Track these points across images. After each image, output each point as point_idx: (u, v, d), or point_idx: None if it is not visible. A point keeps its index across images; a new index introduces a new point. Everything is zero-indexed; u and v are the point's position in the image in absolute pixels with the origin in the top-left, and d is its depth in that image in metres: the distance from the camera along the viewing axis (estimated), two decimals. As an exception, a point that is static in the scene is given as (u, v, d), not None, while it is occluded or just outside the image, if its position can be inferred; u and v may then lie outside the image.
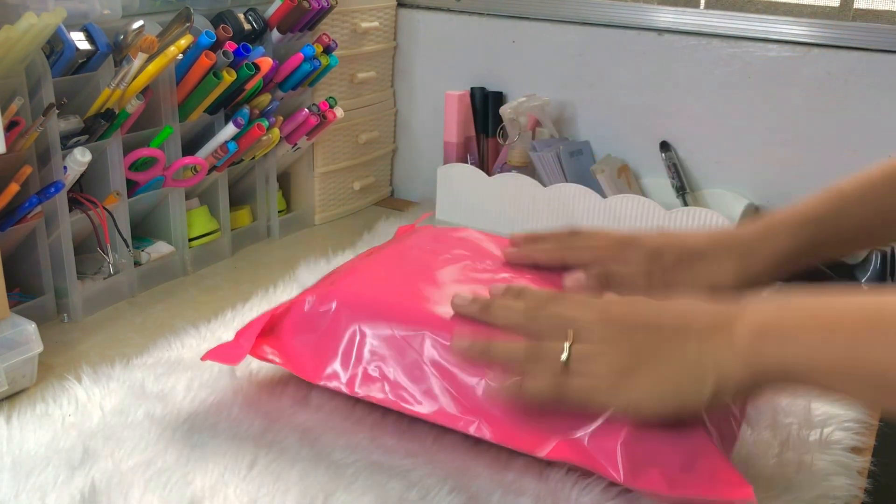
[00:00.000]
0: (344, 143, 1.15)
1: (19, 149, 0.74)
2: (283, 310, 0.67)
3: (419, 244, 0.76)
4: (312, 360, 0.63)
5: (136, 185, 0.88)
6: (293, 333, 0.65)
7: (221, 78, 0.87)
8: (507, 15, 1.13)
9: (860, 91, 0.94)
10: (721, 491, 0.53)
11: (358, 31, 1.11)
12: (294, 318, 0.66)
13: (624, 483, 0.53)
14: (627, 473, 0.53)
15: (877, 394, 0.47)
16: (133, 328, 0.83)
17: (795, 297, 0.52)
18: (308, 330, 0.65)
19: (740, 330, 0.51)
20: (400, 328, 0.61)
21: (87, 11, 0.78)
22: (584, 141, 1.11)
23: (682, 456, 0.54)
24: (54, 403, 0.65)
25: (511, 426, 0.57)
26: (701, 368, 0.52)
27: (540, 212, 1.02)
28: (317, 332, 0.64)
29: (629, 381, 0.53)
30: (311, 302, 0.66)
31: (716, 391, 0.51)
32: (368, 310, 0.63)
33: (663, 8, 1.04)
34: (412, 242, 0.77)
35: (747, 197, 1.02)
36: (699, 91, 1.03)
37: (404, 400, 0.60)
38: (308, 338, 0.64)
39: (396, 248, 0.76)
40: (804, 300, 0.51)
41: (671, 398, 0.53)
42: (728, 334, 0.51)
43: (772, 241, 0.64)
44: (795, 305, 0.51)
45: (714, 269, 0.64)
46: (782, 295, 0.53)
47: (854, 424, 0.66)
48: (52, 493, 0.54)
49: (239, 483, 0.56)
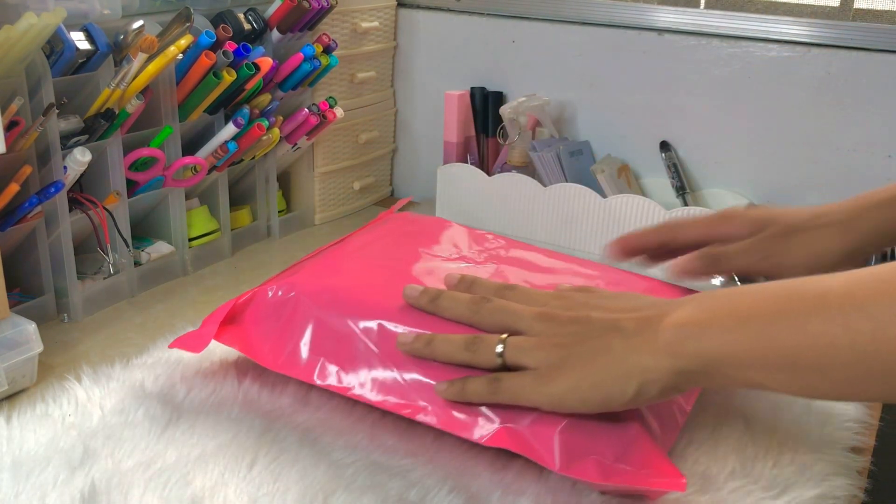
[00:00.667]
0: (344, 143, 1.15)
1: (19, 149, 0.74)
2: (247, 298, 0.68)
3: (391, 232, 0.79)
4: (273, 349, 0.65)
5: (136, 184, 0.88)
6: (255, 321, 0.67)
7: (221, 78, 0.87)
8: (507, 15, 1.13)
9: (860, 91, 0.94)
10: (653, 481, 0.54)
11: (358, 30, 1.11)
12: (257, 306, 0.67)
13: (559, 472, 0.54)
14: (563, 462, 0.54)
15: (793, 379, 0.47)
16: (133, 328, 0.83)
17: (720, 291, 0.53)
18: (269, 318, 0.66)
19: (664, 327, 0.52)
20: (354, 318, 0.63)
21: (87, 11, 0.78)
22: (584, 141, 1.11)
23: (617, 446, 0.55)
24: (54, 403, 0.65)
25: (455, 413, 0.58)
26: (625, 366, 0.52)
27: (540, 212, 1.02)
28: (278, 320, 0.66)
29: (556, 376, 0.54)
30: (272, 290, 0.67)
31: (640, 389, 0.52)
32: (326, 299, 0.65)
33: (663, 8, 1.04)
34: (384, 230, 0.80)
35: (747, 197, 1.02)
36: (699, 91, 1.03)
37: (355, 387, 0.61)
38: (269, 326, 0.66)
39: (368, 237, 0.78)
40: (725, 292, 0.52)
41: (595, 395, 0.53)
42: (653, 332, 0.52)
43: (873, 213, 0.64)
44: (715, 298, 0.52)
45: (817, 242, 0.65)
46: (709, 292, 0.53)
47: (854, 424, 0.66)
48: (52, 493, 0.54)
49: (239, 483, 0.56)
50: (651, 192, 1.07)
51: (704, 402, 0.69)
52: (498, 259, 0.76)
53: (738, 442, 0.63)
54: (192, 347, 0.67)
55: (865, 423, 0.68)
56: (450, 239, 0.79)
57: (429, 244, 0.77)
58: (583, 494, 0.56)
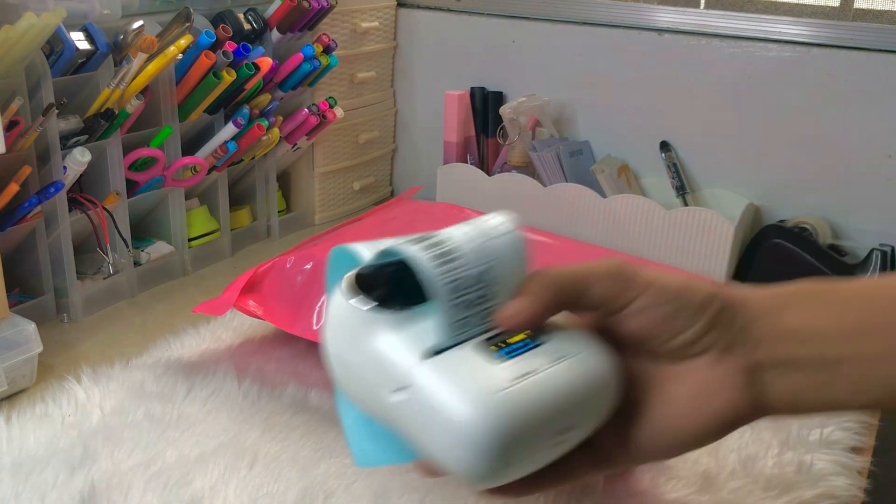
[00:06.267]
0: (344, 143, 1.15)
1: (19, 149, 0.74)
2: (267, 268, 0.74)
3: (400, 215, 0.85)
4: (290, 314, 0.69)
5: (136, 184, 0.88)
6: (274, 289, 0.72)
7: (221, 78, 0.87)
8: (507, 15, 1.13)
9: (860, 91, 0.94)
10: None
11: (358, 30, 1.11)
12: (276, 275, 0.73)
13: None
14: None
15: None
16: (133, 328, 0.83)
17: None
18: (287, 286, 0.71)
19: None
20: None
21: (86, 11, 0.78)
22: (584, 141, 1.11)
23: None
24: (54, 403, 0.65)
25: None
26: None
27: (540, 212, 1.02)
28: (295, 288, 0.71)
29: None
30: (291, 261, 0.73)
31: None
32: None
33: (663, 8, 1.04)
34: (399, 211, 0.86)
35: (747, 197, 1.01)
36: (699, 91, 1.03)
37: None
38: (287, 293, 0.71)
39: (379, 217, 0.85)
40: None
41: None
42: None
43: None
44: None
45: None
46: None
47: (854, 424, 0.66)
48: (52, 494, 0.54)
49: (239, 483, 0.56)
50: (651, 192, 1.07)
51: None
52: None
53: (738, 442, 0.63)
54: (214, 311, 0.72)
55: (865, 424, 0.68)
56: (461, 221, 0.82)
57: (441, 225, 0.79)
58: (583, 495, 0.56)
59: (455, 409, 0.38)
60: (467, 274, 0.40)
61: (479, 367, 0.39)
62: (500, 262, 0.41)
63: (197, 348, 0.75)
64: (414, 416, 0.39)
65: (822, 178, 0.98)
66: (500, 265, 0.41)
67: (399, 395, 0.39)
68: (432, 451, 0.40)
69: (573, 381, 0.41)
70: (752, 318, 0.41)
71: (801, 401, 0.41)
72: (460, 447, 0.38)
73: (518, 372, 0.39)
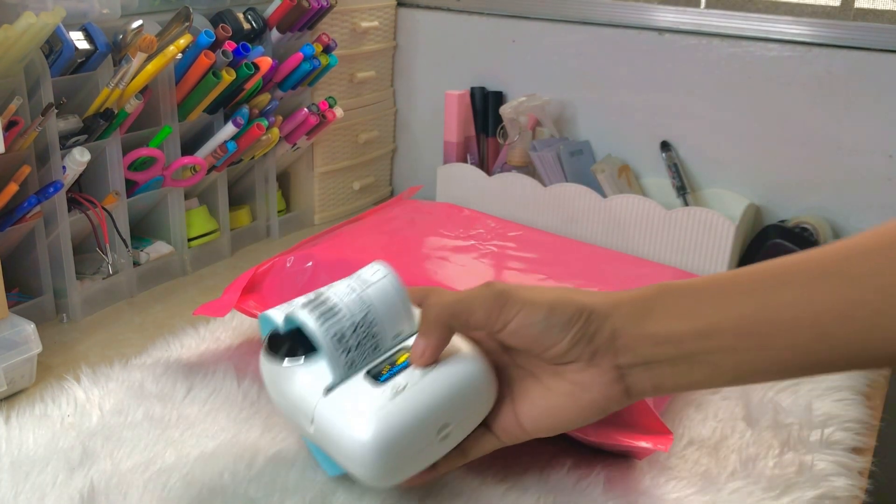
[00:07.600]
0: (344, 143, 1.15)
1: (18, 148, 0.74)
2: (266, 268, 0.74)
3: (400, 215, 0.86)
4: None
5: (136, 184, 0.88)
6: (274, 289, 0.72)
7: (221, 77, 0.87)
8: (507, 15, 1.13)
9: (860, 91, 0.94)
10: (640, 438, 0.57)
11: (358, 30, 1.11)
12: (275, 275, 0.73)
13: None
14: None
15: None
16: (132, 328, 0.82)
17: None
18: (287, 286, 0.71)
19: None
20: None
21: (86, 11, 0.78)
22: (584, 141, 1.11)
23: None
24: (53, 404, 0.65)
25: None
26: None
27: (540, 212, 1.02)
28: (295, 288, 0.71)
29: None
30: (291, 261, 0.73)
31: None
32: (342, 270, 0.68)
33: (663, 8, 1.04)
34: (399, 211, 0.87)
35: (747, 197, 1.01)
36: (699, 91, 1.03)
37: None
38: (287, 293, 0.70)
39: (379, 217, 0.86)
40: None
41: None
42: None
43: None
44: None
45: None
46: None
47: (855, 425, 0.66)
48: (52, 494, 0.54)
49: (239, 483, 0.56)
50: (651, 191, 1.07)
51: (704, 403, 0.69)
52: (504, 239, 0.81)
53: (738, 442, 0.63)
54: (215, 313, 0.71)
55: (866, 424, 0.68)
56: (461, 221, 0.85)
57: (441, 225, 0.83)
58: (583, 494, 0.56)
59: (346, 434, 0.47)
60: (349, 323, 0.49)
61: (364, 393, 0.48)
62: (376, 306, 0.50)
63: (196, 348, 0.75)
64: (325, 441, 0.50)
65: (823, 178, 0.98)
66: (378, 308, 0.50)
67: (312, 427, 0.49)
68: (344, 466, 0.50)
69: (441, 386, 0.49)
70: (618, 327, 0.48)
71: (664, 387, 0.49)
72: (357, 461, 0.48)
73: (393, 390, 0.48)
